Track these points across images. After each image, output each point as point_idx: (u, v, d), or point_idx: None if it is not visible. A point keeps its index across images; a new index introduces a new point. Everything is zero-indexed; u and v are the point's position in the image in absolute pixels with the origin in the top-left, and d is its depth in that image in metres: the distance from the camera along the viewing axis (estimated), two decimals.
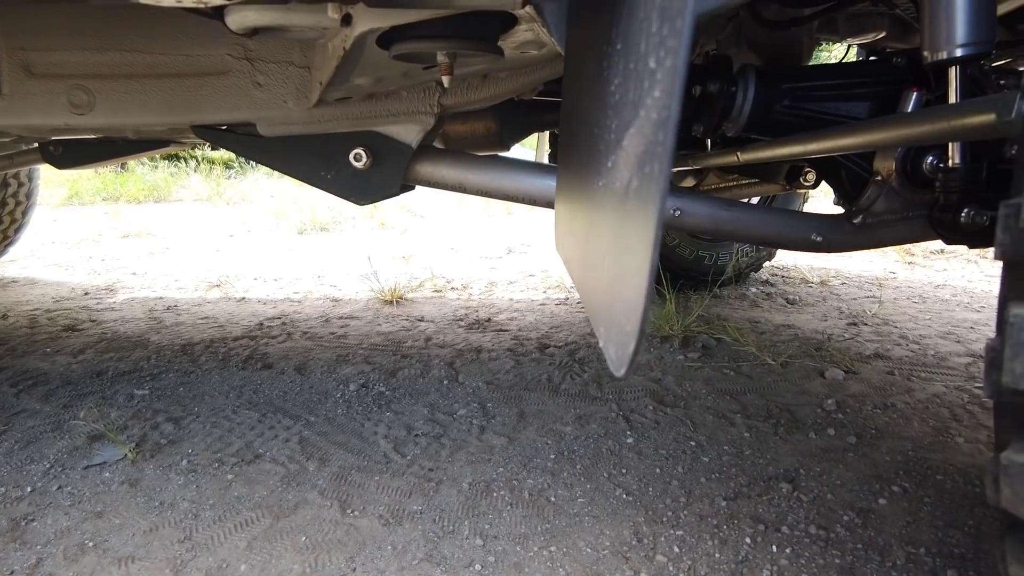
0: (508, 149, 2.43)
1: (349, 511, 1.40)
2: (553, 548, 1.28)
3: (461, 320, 2.88)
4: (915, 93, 1.43)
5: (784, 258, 3.86)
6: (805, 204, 3.41)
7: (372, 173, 1.42)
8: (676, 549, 1.27)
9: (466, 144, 2.30)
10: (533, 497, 1.46)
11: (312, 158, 1.42)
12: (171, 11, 1.10)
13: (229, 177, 9.74)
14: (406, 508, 1.42)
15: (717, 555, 1.25)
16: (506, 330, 2.73)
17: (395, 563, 1.24)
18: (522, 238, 5.06)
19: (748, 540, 1.30)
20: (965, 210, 1.29)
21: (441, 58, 1.06)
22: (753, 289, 3.37)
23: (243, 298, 3.34)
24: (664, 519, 1.37)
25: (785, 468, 1.57)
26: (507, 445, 1.70)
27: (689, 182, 2.86)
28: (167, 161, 9.91)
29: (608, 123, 0.60)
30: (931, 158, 1.39)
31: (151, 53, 1.35)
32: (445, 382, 2.13)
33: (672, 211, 1.45)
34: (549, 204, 1.51)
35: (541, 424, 1.82)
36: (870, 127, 1.25)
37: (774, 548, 1.27)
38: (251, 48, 1.35)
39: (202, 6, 0.80)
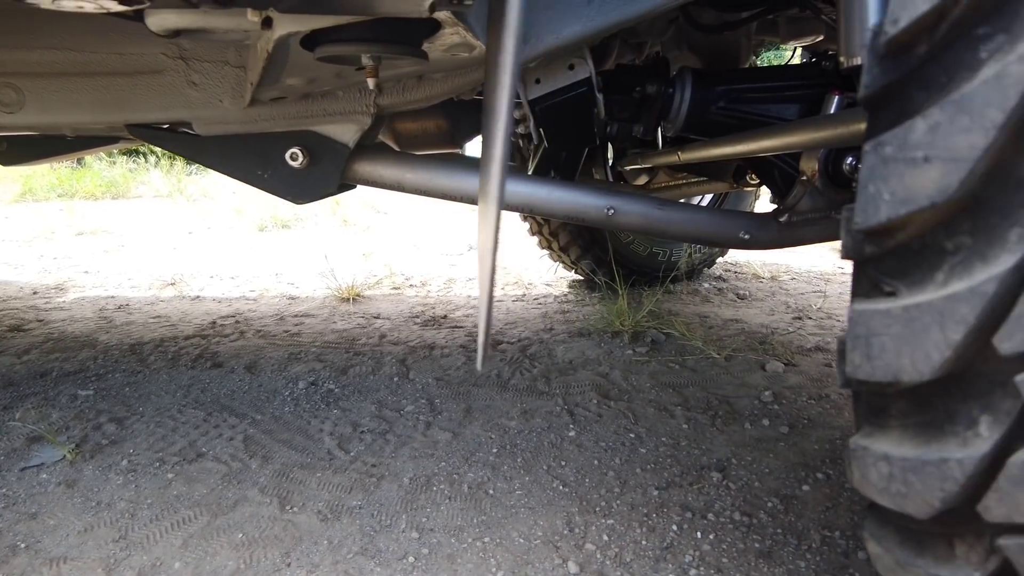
0: (461, 147, 2.45)
1: (288, 507, 1.42)
2: (487, 539, 1.31)
3: (417, 317, 2.89)
4: (836, 96, 1.49)
5: (738, 254, 3.94)
6: (757, 202, 3.50)
7: (309, 172, 1.43)
8: (605, 537, 1.31)
9: (417, 143, 2.31)
10: (472, 490, 1.49)
11: (249, 157, 1.43)
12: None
13: (190, 173, 9.57)
14: (345, 503, 1.44)
15: (644, 542, 1.30)
16: (461, 327, 2.76)
17: (330, 557, 1.26)
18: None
19: (675, 527, 1.34)
20: None
21: (366, 61, 1.08)
22: (706, 284, 3.44)
23: (198, 296, 3.30)
24: (597, 509, 1.42)
25: (718, 458, 1.63)
26: (451, 440, 1.73)
27: (642, 180, 2.91)
28: (126, 156, 9.70)
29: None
30: (850, 159, 1.46)
31: (82, 51, 1.34)
32: (395, 379, 2.15)
33: (606, 210, 1.49)
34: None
35: (487, 419, 1.85)
36: (791, 129, 1.31)
37: (699, 534, 1.32)
38: (185, 47, 1.34)
39: (88, 8, 0.80)
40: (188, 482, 1.52)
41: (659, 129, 1.93)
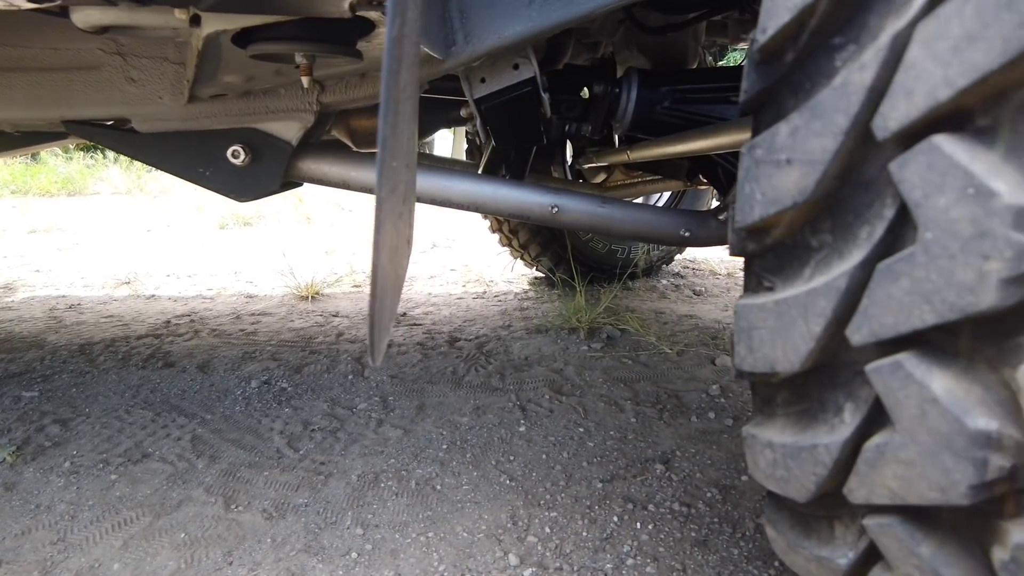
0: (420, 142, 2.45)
1: (233, 507, 1.42)
2: (431, 534, 1.33)
3: None
4: None
5: (696, 251, 4.01)
6: (709, 202, 3.56)
7: (252, 170, 1.42)
8: (547, 530, 1.34)
9: (373, 140, 2.31)
10: (419, 486, 1.50)
11: (190, 154, 1.42)
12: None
13: (151, 170, 9.36)
14: (291, 502, 1.44)
15: (584, 533, 1.32)
16: (419, 324, 2.76)
17: (272, 555, 1.26)
18: (448, 232, 5.09)
19: (616, 519, 1.37)
20: None
21: (299, 59, 1.08)
22: (664, 281, 3.50)
23: (153, 295, 3.25)
24: (541, 502, 1.44)
25: (663, 450, 1.67)
26: (402, 437, 1.74)
27: (600, 178, 2.95)
28: (84, 152, 9.46)
29: None
30: None
31: (15, 46, 1.32)
32: (350, 377, 2.15)
33: (550, 208, 1.51)
34: (434, 201, 1.55)
35: (439, 416, 1.87)
36: (724, 129, 1.35)
37: (638, 525, 1.35)
38: (123, 43, 1.33)
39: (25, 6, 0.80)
40: (132, 483, 1.50)
41: (611, 128, 1.96)
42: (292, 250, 4.18)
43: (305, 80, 1.09)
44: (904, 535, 0.47)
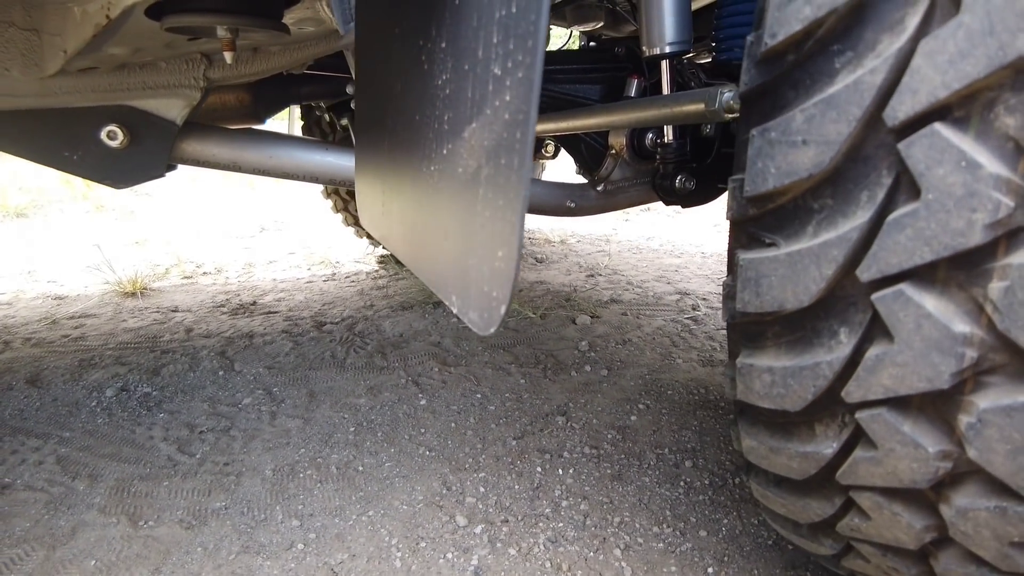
0: (263, 122, 2.32)
1: (142, 523, 1.30)
2: (371, 512, 1.34)
3: (223, 306, 2.70)
4: (635, 80, 1.72)
5: (529, 221, 4.25)
6: (543, 172, 3.79)
7: (131, 153, 1.29)
8: (482, 489, 1.42)
9: (216, 117, 2.14)
10: (341, 470, 1.50)
11: (52, 137, 1.24)
12: None
13: None
14: (208, 507, 1.35)
15: (516, 487, 1.43)
16: (276, 312, 2.63)
17: (209, 563, 1.19)
18: (273, 214, 4.81)
19: (539, 469, 1.50)
20: (679, 177, 1.61)
21: (222, 32, 1.01)
22: None
23: None
24: (466, 466, 1.52)
25: (558, 404, 1.82)
26: (303, 426, 1.69)
27: None
28: None
29: (438, 114, 0.67)
30: (651, 135, 1.70)
31: None
32: (220, 372, 2.01)
33: None
34: (333, 181, 1.52)
35: (334, 400, 1.84)
36: (610, 111, 1.49)
37: (560, 471, 1.49)
38: None
39: None
40: (2, 519, 1.31)
41: None
42: (93, 242, 3.68)
43: (229, 55, 1.02)
44: (890, 419, 0.63)
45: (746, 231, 0.71)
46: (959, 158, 0.52)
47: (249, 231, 4.20)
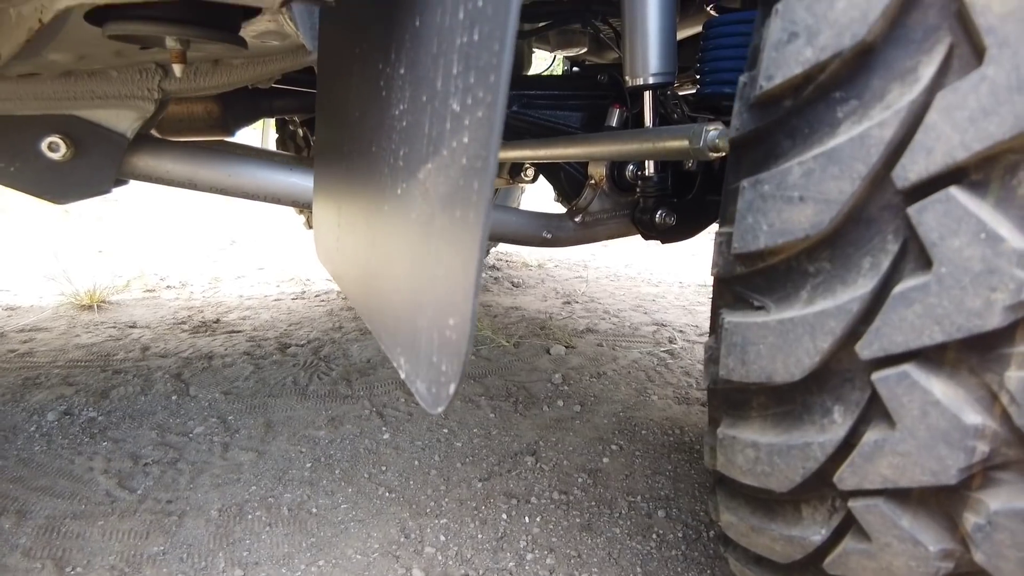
0: (232, 135, 2.23)
1: (69, 569, 1.19)
2: (321, 562, 1.24)
3: (184, 323, 2.58)
4: (617, 110, 1.66)
5: (506, 244, 4.18)
6: (522, 195, 3.74)
7: (75, 166, 1.19)
8: (442, 538, 1.33)
9: (183, 128, 2.05)
10: (293, 512, 1.40)
11: None
12: None
13: None
14: (145, 551, 1.25)
15: (479, 536, 1.34)
16: (239, 331, 2.52)
17: None
18: (245, 225, 4.69)
19: (504, 516, 1.41)
20: (659, 212, 1.55)
21: (172, 43, 0.93)
22: (483, 274, 3.60)
23: None
24: (428, 510, 1.42)
25: (527, 442, 1.74)
26: (256, 460, 1.59)
27: None
28: None
29: (394, 147, 0.60)
30: (632, 167, 1.64)
31: None
32: (174, 397, 1.90)
33: None
34: (296, 203, 1.43)
35: (292, 432, 1.74)
36: (589, 142, 1.43)
37: (527, 519, 1.40)
38: None
39: None
40: None
41: None
42: (55, 250, 3.54)
43: (178, 68, 0.94)
44: (887, 511, 0.56)
45: (733, 290, 0.64)
46: (978, 229, 0.46)
47: (220, 243, 4.08)
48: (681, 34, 1.98)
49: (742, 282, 0.63)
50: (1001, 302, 0.46)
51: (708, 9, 1.75)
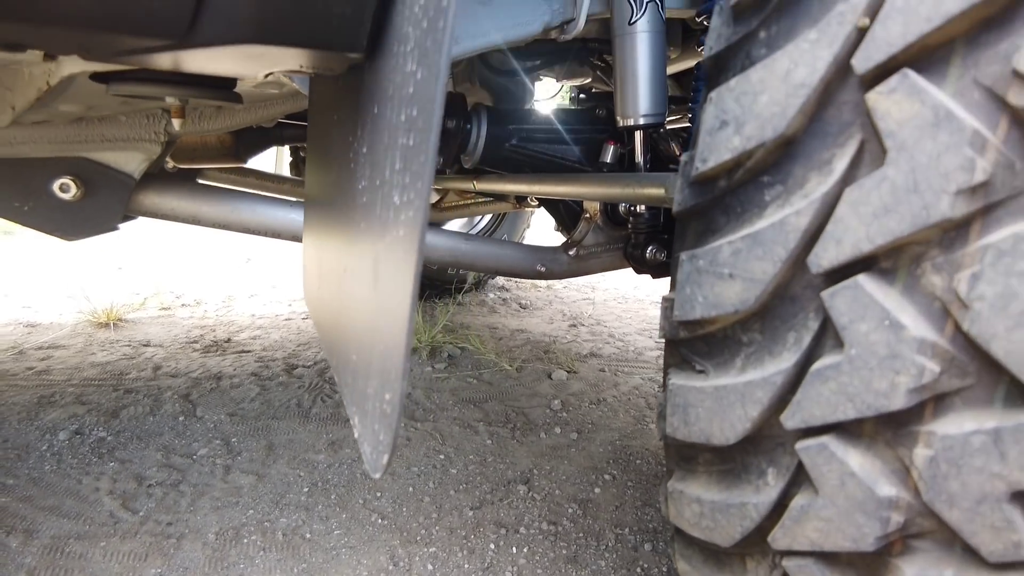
0: (245, 162, 2.31)
1: None
2: None
3: (196, 342, 2.65)
4: (612, 146, 1.70)
5: None
6: (532, 217, 3.78)
7: (84, 205, 1.26)
8: (430, 567, 1.36)
9: (197, 156, 2.13)
10: (287, 537, 1.44)
11: (3, 187, 1.21)
12: None
13: None
14: (143, 574, 1.30)
15: (466, 565, 1.37)
16: (249, 351, 2.59)
17: None
18: (262, 243, 4.79)
19: (492, 546, 1.44)
20: (650, 248, 1.58)
21: (171, 100, 0.99)
22: (491, 295, 3.64)
23: None
24: (418, 538, 1.46)
25: (521, 470, 1.77)
26: (256, 484, 1.64)
27: (433, 197, 3.00)
28: None
29: (356, 217, 0.64)
30: (624, 203, 1.68)
31: None
32: (181, 418, 1.96)
33: None
34: (295, 238, 1.49)
35: (292, 455, 1.79)
36: (577, 181, 1.48)
37: (514, 550, 1.43)
38: None
39: None
40: None
41: (456, 162, 2.03)
42: (76, 265, 3.65)
43: (177, 123, 1.00)
44: (817, 571, 0.59)
45: (679, 351, 0.68)
46: (882, 316, 0.49)
47: (235, 260, 4.17)
48: (676, 67, 2.02)
49: (686, 345, 0.66)
50: (904, 385, 0.49)
51: (699, 50, 1.79)
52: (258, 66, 0.72)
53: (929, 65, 0.47)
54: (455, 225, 3.44)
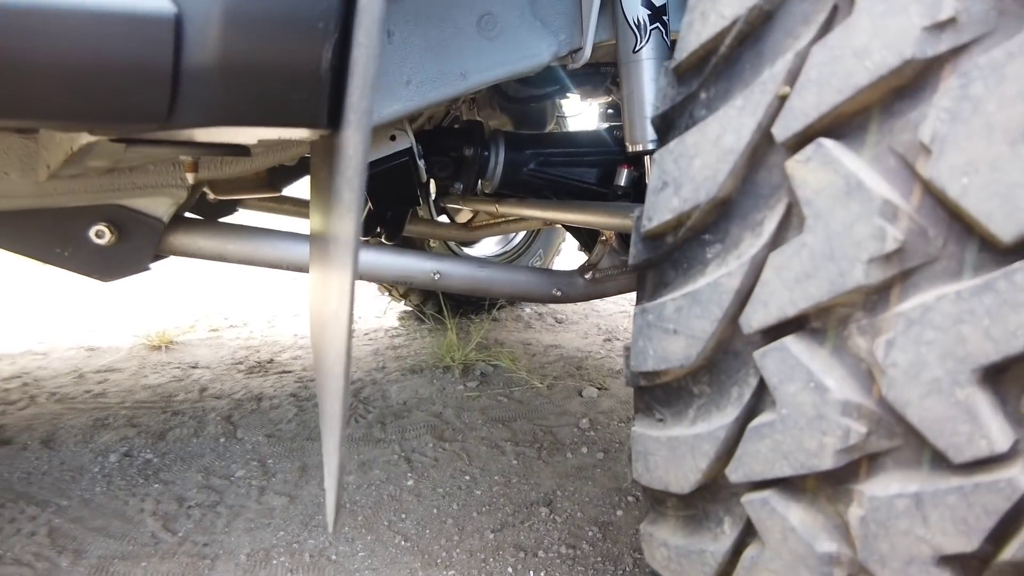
0: (280, 191, 2.41)
1: None
2: None
3: (240, 363, 2.77)
4: (626, 170, 1.72)
5: None
6: (563, 240, 3.80)
7: (118, 249, 1.35)
8: None
9: (234, 188, 2.24)
10: (314, 559, 1.50)
11: (44, 234, 1.32)
12: None
13: None
14: None
15: None
16: (290, 371, 2.69)
17: None
18: None
19: (511, 569, 1.47)
20: None
21: (184, 157, 1.06)
22: (527, 310, 3.67)
23: None
24: (438, 560, 1.50)
25: (545, 492, 1.79)
26: (288, 505, 1.71)
27: (465, 216, 3.06)
28: None
29: (328, 260, 0.69)
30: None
31: None
32: (222, 439, 2.06)
33: (432, 275, 1.58)
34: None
35: (324, 476, 1.85)
36: (586, 210, 1.50)
37: (531, 574, 1.45)
38: None
39: None
40: None
41: (476, 187, 2.08)
42: (134, 289, 3.86)
43: (191, 176, 1.07)
44: None
45: (643, 398, 0.69)
46: (808, 378, 0.50)
47: (283, 278, 4.33)
48: None
49: (648, 393, 0.68)
50: (832, 446, 0.49)
51: None
52: (243, 137, 0.77)
53: (847, 134, 0.47)
54: (490, 243, 3.48)
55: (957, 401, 0.42)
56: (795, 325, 0.52)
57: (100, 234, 1.32)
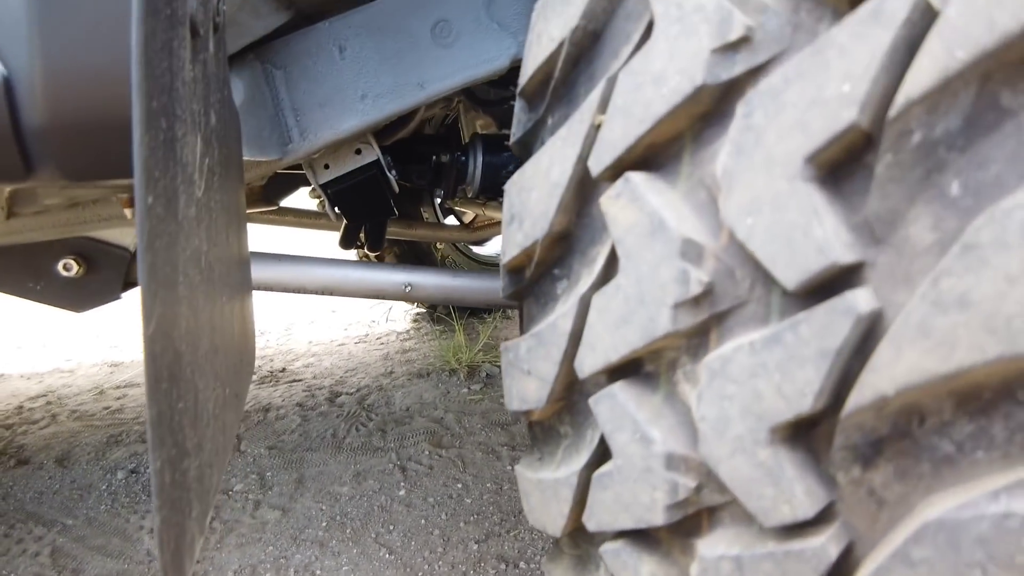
0: (277, 204, 2.45)
1: None
2: None
3: (254, 373, 2.83)
4: None
5: None
6: None
7: (88, 281, 1.38)
8: None
9: None
10: (298, 574, 1.52)
11: (17, 269, 1.36)
12: None
13: None
14: None
15: None
16: (300, 379, 2.73)
17: None
18: None
19: None
20: None
21: (120, 194, 1.08)
22: None
23: (0, 374, 3.01)
24: (419, 574, 1.50)
25: None
26: (280, 519, 1.74)
27: (469, 216, 3.05)
28: None
29: None
30: None
31: None
32: None
33: (403, 287, 1.57)
34: (286, 289, 1.57)
35: (319, 488, 1.88)
36: None
37: None
38: None
39: None
40: None
41: (456, 192, 2.05)
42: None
43: (127, 212, 1.08)
44: None
45: (529, 432, 0.66)
46: (634, 428, 0.46)
47: None
48: None
49: (530, 430, 0.65)
50: (662, 500, 0.46)
51: None
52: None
53: (661, 165, 0.43)
54: (497, 242, 3.46)
55: (760, 461, 0.38)
56: (628, 369, 0.48)
57: (68, 267, 1.35)
